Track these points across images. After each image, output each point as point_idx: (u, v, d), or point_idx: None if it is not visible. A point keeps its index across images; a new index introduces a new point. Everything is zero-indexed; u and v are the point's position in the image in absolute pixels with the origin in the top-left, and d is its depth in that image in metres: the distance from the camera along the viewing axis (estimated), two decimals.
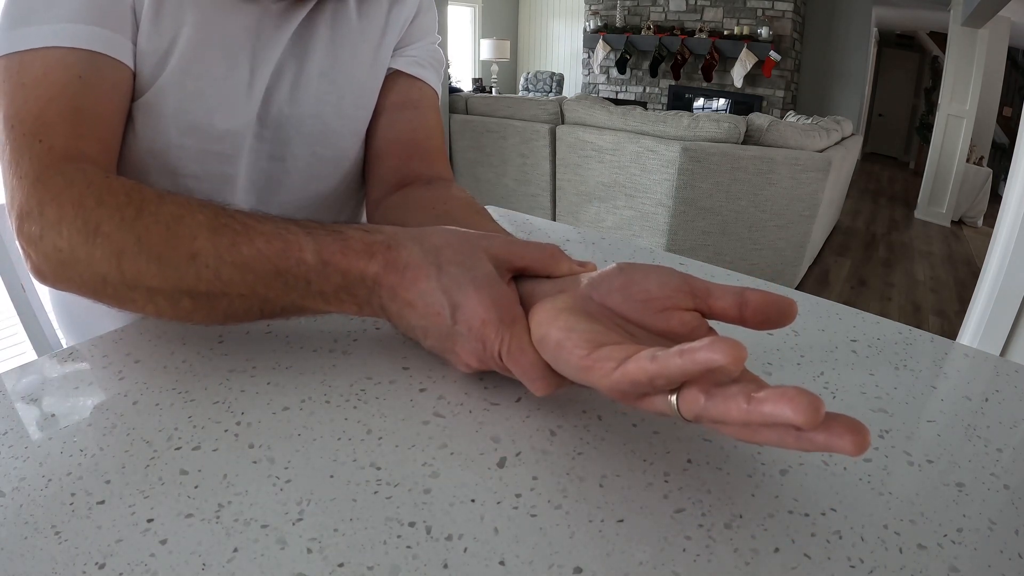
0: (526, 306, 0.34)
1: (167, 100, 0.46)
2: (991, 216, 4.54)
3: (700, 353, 0.22)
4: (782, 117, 5.11)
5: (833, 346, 0.44)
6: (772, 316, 0.28)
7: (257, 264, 0.34)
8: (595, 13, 6.88)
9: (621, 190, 2.88)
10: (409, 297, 0.34)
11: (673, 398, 0.25)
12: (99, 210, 0.36)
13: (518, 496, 0.29)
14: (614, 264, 0.33)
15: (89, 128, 0.41)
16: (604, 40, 6.74)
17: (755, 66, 5.96)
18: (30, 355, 0.53)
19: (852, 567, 0.25)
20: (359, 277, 0.34)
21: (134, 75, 0.45)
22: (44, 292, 0.67)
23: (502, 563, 0.25)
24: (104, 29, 0.41)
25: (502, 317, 0.32)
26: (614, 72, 6.95)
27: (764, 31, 5.83)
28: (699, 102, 6.57)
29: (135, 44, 0.44)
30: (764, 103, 6.13)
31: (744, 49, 5.91)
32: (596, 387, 0.28)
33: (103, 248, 0.35)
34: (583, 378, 0.28)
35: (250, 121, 0.50)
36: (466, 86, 6.42)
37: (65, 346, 0.58)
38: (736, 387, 0.23)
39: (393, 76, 0.58)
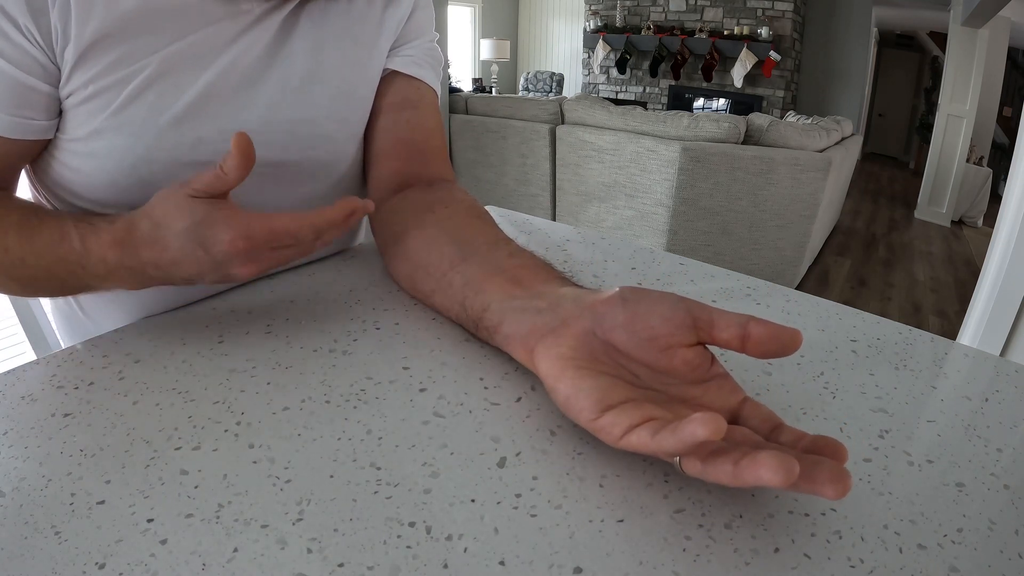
0: (529, 340, 0.35)
1: (142, 117, 0.45)
2: (991, 216, 4.54)
3: (686, 432, 0.24)
4: (782, 117, 5.11)
5: (833, 346, 0.44)
6: (773, 350, 0.28)
7: (47, 252, 0.42)
8: (595, 13, 6.88)
9: (621, 190, 2.88)
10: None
11: (676, 459, 0.28)
12: None
13: (518, 496, 0.29)
14: (616, 290, 0.33)
15: None
16: (604, 40, 6.74)
17: (755, 66, 5.96)
18: (30, 355, 0.53)
19: (852, 567, 0.25)
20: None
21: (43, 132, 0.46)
22: None
23: (502, 563, 0.25)
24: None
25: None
26: (614, 72, 6.96)
27: (764, 31, 5.83)
28: (699, 102, 6.57)
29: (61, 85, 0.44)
30: (764, 103, 6.13)
31: (744, 49, 5.91)
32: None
33: None
34: (591, 432, 0.30)
35: (236, 128, 0.49)
36: (466, 86, 6.42)
37: (64, 347, 0.58)
38: (725, 456, 0.25)
39: (390, 77, 0.57)
